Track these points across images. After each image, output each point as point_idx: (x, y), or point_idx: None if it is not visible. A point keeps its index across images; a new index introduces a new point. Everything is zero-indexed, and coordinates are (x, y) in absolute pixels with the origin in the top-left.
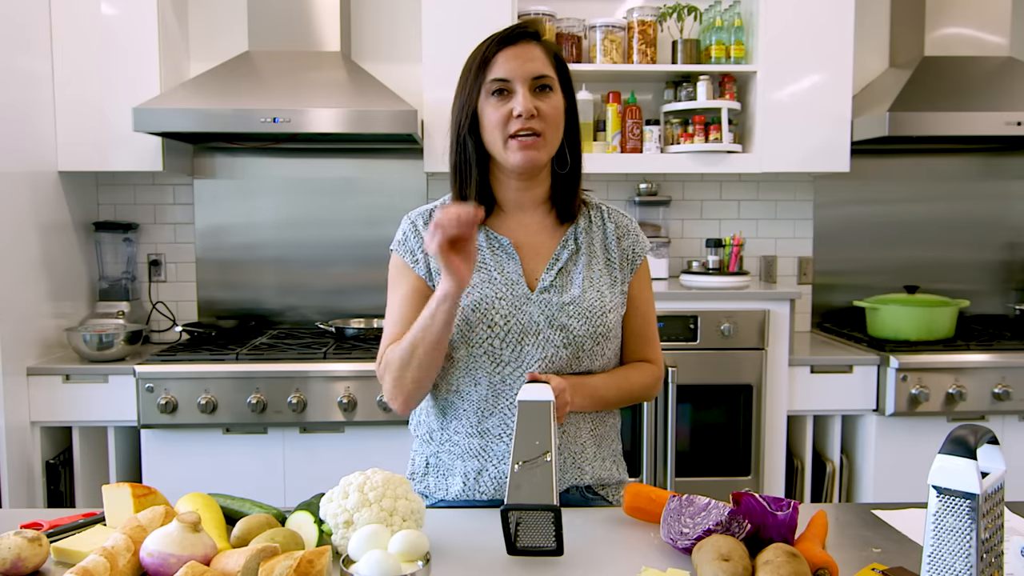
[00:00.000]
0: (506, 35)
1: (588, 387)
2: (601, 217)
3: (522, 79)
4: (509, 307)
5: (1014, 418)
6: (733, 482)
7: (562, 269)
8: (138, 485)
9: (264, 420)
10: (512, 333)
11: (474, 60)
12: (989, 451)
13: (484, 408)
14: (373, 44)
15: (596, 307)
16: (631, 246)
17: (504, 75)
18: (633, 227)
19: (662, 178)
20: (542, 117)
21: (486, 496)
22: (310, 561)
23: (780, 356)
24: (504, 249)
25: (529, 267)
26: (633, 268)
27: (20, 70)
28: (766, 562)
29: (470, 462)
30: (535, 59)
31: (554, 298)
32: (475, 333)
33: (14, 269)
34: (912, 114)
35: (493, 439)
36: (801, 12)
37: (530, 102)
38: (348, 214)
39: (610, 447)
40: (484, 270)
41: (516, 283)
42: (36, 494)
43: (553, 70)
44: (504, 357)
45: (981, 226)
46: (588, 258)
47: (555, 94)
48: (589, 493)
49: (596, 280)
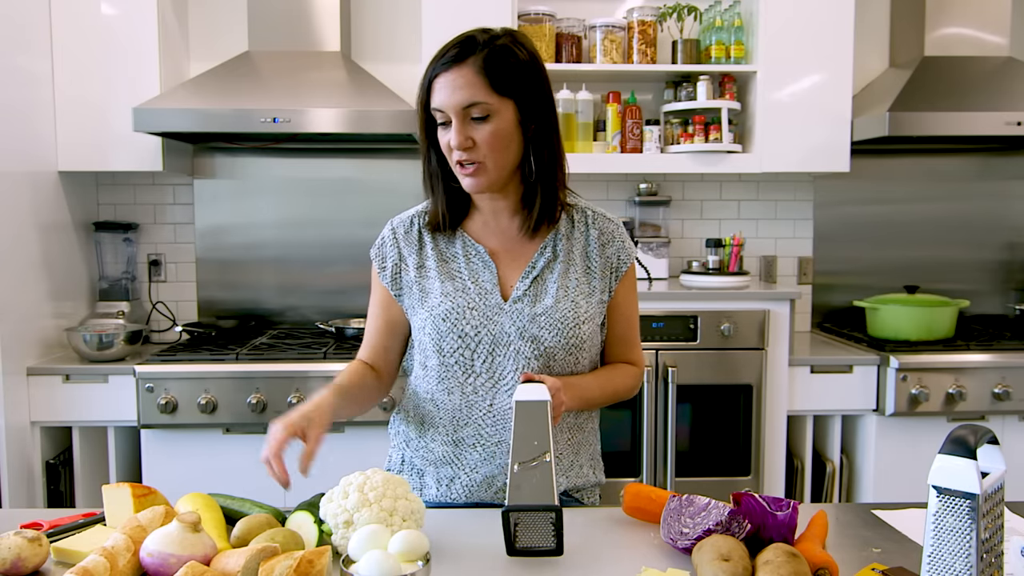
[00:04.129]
0: (439, 57)
1: (577, 387)
2: (585, 222)
3: (453, 110)
4: (480, 317)
5: (1014, 418)
6: (733, 482)
7: (537, 277)
8: (138, 485)
9: (264, 420)
10: (483, 344)
11: (422, 80)
12: (989, 451)
13: (458, 418)
14: (373, 44)
15: (569, 318)
16: (615, 253)
17: (438, 105)
18: (619, 233)
19: (662, 178)
20: (478, 147)
21: (459, 501)
22: (310, 561)
23: (780, 356)
24: (480, 257)
25: (505, 274)
26: (617, 276)
27: (20, 70)
28: (766, 562)
29: (443, 468)
30: (464, 86)
31: (526, 308)
32: (446, 343)
33: (14, 269)
34: (912, 114)
35: (467, 448)
36: (801, 12)
37: (462, 134)
38: (348, 214)
39: (588, 452)
40: (458, 279)
41: (489, 293)
42: (36, 494)
43: (487, 90)
44: (476, 368)
45: (981, 226)
46: (566, 266)
47: (494, 118)
48: (563, 496)
49: (572, 290)
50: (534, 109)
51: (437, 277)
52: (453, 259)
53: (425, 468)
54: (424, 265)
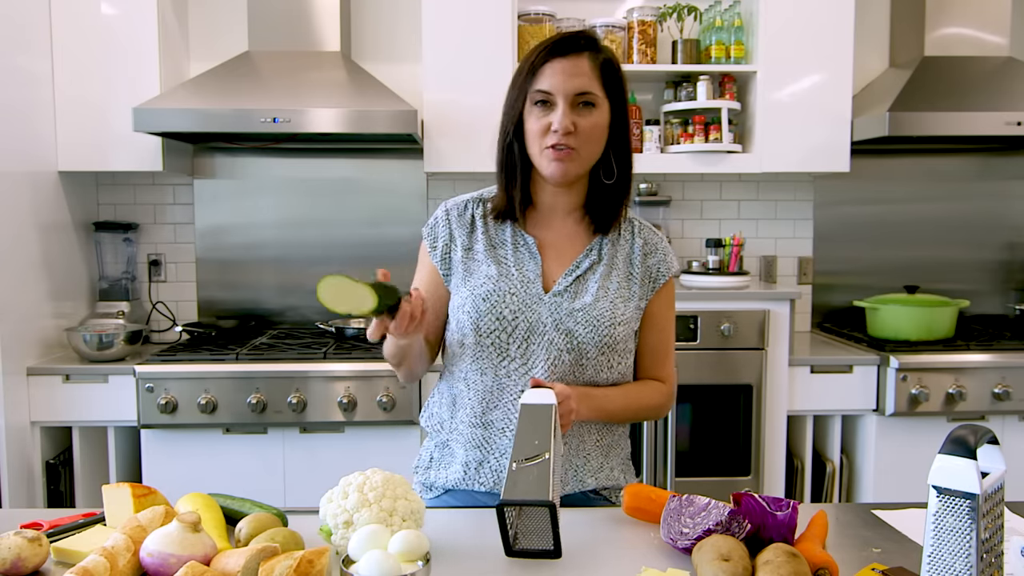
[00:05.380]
0: (556, 45)
1: (595, 398)
2: (632, 231)
3: (564, 94)
4: (519, 303)
5: (1014, 418)
6: (733, 482)
7: (580, 276)
8: (138, 485)
9: (264, 420)
10: (519, 330)
11: (524, 66)
12: (989, 451)
13: (489, 400)
14: (373, 44)
15: (605, 317)
16: (656, 264)
17: (547, 88)
18: (662, 246)
19: (662, 178)
20: (578, 133)
21: (484, 488)
22: (310, 561)
23: (780, 356)
24: (528, 247)
25: (549, 268)
26: (655, 287)
27: (20, 70)
28: (766, 562)
29: (472, 452)
30: (580, 74)
31: (565, 302)
32: (484, 322)
33: (14, 269)
34: (912, 114)
35: (496, 432)
36: (801, 12)
37: (568, 118)
38: (348, 214)
39: (618, 456)
40: (504, 264)
41: (532, 282)
42: (36, 494)
43: (599, 84)
44: (511, 352)
45: (981, 226)
46: (608, 269)
47: (597, 110)
48: (591, 494)
49: (611, 292)
50: (621, 117)
51: (484, 260)
52: (501, 246)
53: (455, 452)
54: (472, 247)
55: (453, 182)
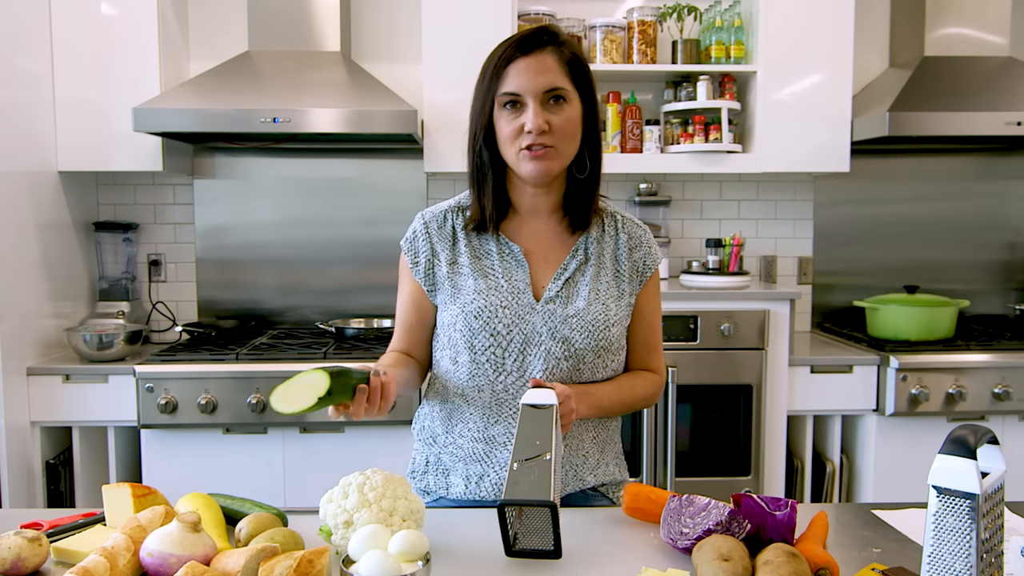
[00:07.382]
0: (518, 43)
1: (593, 396)
2: (615, 226)
3: (532, 93)
4: (512, 316)
5: (1014, 418)
6: (733, 482)
7: (569, 279)
8: (138, 485)
9: (264, 420)
10: (515, 343)
11: (488, 68)
12: (989, 451)
13: (489, 415)
14: (373, 44)
15: (599, 320)
16: (642, 258)
17: (515, 89)
18: (646, 239)
19: (662, 178)
20: (553, 131)
21: (487, 498)
22: (310, 561)
23: (780, 356)
24: (514, 256)
25: (537, 275)
26: (643, 280)
27: (20, 70)
28: (766, 562)
29: (472, 466)
30: (547, 71)
31: (558, 309)
32: (478, 340)
33: (14, 269)
34: (912, 114)
35: (498, 446)
36: (801, 12)
37: (541, 117)
38: (348, 214)
39: (612, 450)
40: (491, 277)
41: (522, 292)
42: (36, 494)
43: (567, 78)
44: (507, 366)
45: (981, 226)
46: (597, 269)
47: (568, 104)
48: (591, 491)
49: (602, 292)
50: (591, 111)
51: (470, 274)
52: (486, 256)
53: (453, 466)
54: (457, 261)
55: (453, 182)
